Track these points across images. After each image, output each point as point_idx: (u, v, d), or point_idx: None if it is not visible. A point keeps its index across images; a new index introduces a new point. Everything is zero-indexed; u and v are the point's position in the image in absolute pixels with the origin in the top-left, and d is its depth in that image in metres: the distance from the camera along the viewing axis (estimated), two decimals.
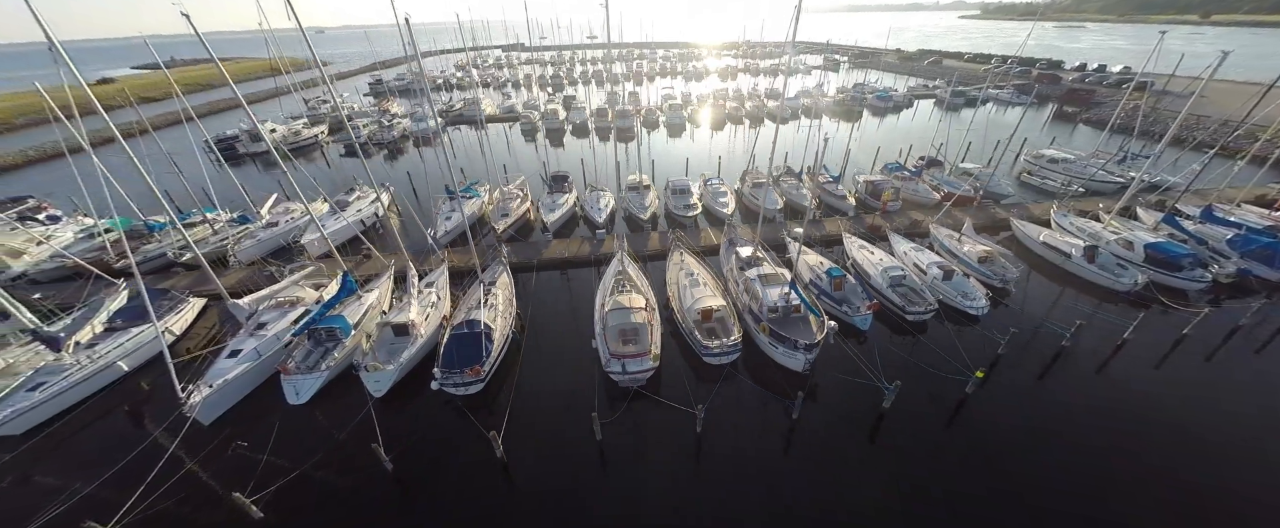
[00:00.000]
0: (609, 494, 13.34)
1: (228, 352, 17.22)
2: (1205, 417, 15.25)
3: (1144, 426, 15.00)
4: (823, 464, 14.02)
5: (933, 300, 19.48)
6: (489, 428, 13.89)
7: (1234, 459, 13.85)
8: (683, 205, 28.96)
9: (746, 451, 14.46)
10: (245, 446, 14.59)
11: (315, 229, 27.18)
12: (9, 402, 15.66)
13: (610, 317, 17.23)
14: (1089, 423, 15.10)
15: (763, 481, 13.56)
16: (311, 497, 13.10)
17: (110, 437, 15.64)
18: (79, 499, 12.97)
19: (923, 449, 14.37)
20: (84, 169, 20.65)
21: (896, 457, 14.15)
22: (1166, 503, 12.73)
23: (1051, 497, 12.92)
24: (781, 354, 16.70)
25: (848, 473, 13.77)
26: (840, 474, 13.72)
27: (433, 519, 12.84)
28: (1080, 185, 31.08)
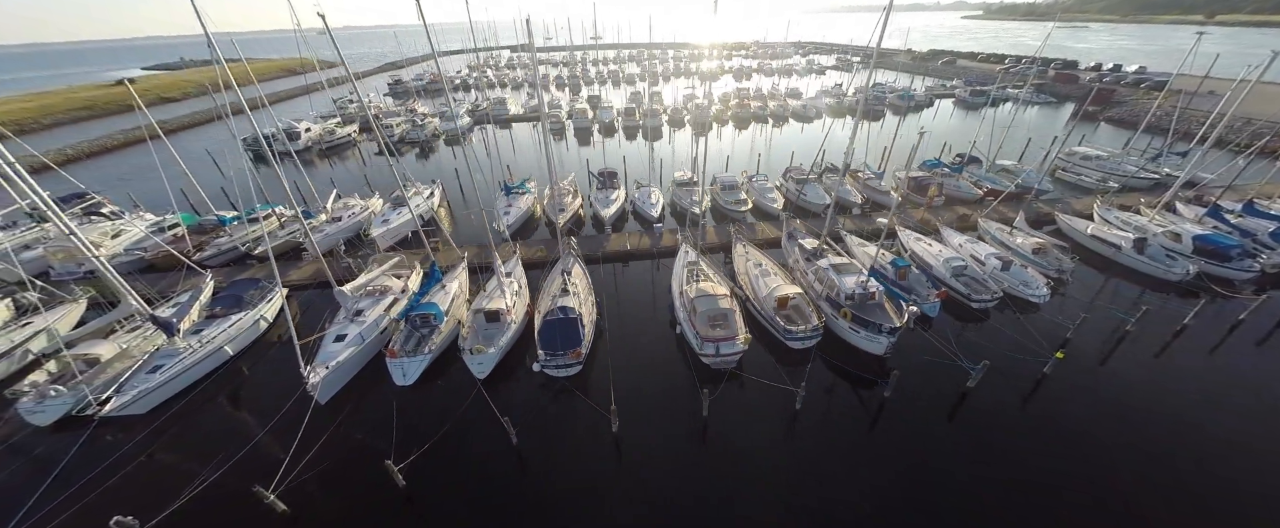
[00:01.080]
0: (716, 466, 14.17)
1: (334, 337, 18.08)
2: (1272, 395, 16.13)
3: (1212, 404, 15.84)
4: (912, 438, 14.87)
5: (996, 289, 20.36)
6: (595, 407, 14.78)
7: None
8: (733, 201, 29.82)
9: (842, 426, 15.34)
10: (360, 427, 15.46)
11: (381, 223, 28.14)
12: (133, 383, 16.52)
13: (698, 303, 18.07)
14: (1157, 401, 15.95)
15: (858, 454, 14.43)
16: (445, 466, 13.96)
17: (234, 414, 16.54)
18: (231, 467, 13.84)
19: (1006, 425, 15.22)
20: (128, 166, 21.28)
21: (982, 432, 14.99)
22: (1246, 474, 13.56)
23: (1137, 468, 13.76)
24: (863, 338, 17.55)
25: (934, 446, 14.61)
26: (929, 446, 14.57)
27: (551, 486, 13.68)
28: (1116, 181, 31.88)
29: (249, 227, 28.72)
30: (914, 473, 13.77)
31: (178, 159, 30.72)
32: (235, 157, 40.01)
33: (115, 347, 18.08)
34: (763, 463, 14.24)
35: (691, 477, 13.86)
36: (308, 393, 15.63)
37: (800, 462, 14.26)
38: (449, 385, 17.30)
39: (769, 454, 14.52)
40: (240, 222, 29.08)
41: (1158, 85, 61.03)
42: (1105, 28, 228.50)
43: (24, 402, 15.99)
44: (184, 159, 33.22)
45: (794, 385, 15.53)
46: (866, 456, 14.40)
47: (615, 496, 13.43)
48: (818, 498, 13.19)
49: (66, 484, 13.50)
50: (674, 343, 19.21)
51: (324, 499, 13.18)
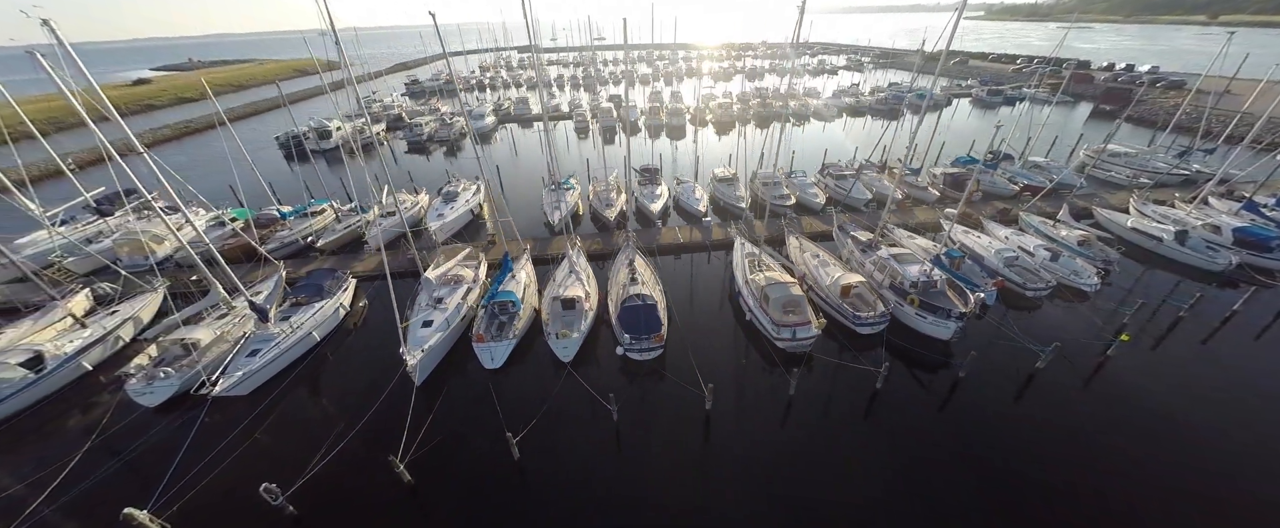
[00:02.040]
0: (806, 440, 14.95)
1: (421, 323, 18.86)
2: None
3: (1265, 385, 16.64)
4: (986, 416, 15.65)
5: (1049, 278, 21.15)
6: (686, 387, 15.55)
7: None
8: (777, 196, 30.60)
9: (918, 405, 16.14)
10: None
11: (436, 217, 28.93)
12: (236, 366, 17.29)
13: (769, 291, 18.83)
14: (1221, 381, 16.74)
15: (937, 430, 15.23)
16: (554, 442, 14.74)
17: (336, 394, 17.34)
18: (349, 442, 14.61)
19: (1078, 403, 16.02)
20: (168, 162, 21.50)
21: (1054, 410, 15.78)
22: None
23: (1212, 442, 14.55)
24: (930, 324, 18.33)
25: (1008, 423, 15.40)
26: (1002, 424, 15.37)
27: (651, 457, 14.46)
28: (1147, 178, 32.66)
29: (307, 220, 29.60)
30: (992, 448, 14.55)
31: (243, 153, 31.44)
32: (267, 154, 40.88)
33: (212, 332, 18.85)
34: (849, 439, 15.02)
35: (784, 451, 14.62)
36: (407, 374, 16.48)
37: (884, 437, 15.03)
38: (534, 368, 18.12)
39: (853, 431, 15.31)
40: (298, 215, 29.94)
41: (1174, 85, 61.94)
42: (1110, 28, 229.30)
43: (132, 384, 16.77)
44: (216, 156, 34.02)
45: (874, 367, 16.32)
46: (945, 432, 15.17)
47: (711, 466, 14.22)
48: (908, 467, 13.96)
49: (198, 457, 14.26)
50: (742, 329, 20.00)
51: (445, 471, 13.95)
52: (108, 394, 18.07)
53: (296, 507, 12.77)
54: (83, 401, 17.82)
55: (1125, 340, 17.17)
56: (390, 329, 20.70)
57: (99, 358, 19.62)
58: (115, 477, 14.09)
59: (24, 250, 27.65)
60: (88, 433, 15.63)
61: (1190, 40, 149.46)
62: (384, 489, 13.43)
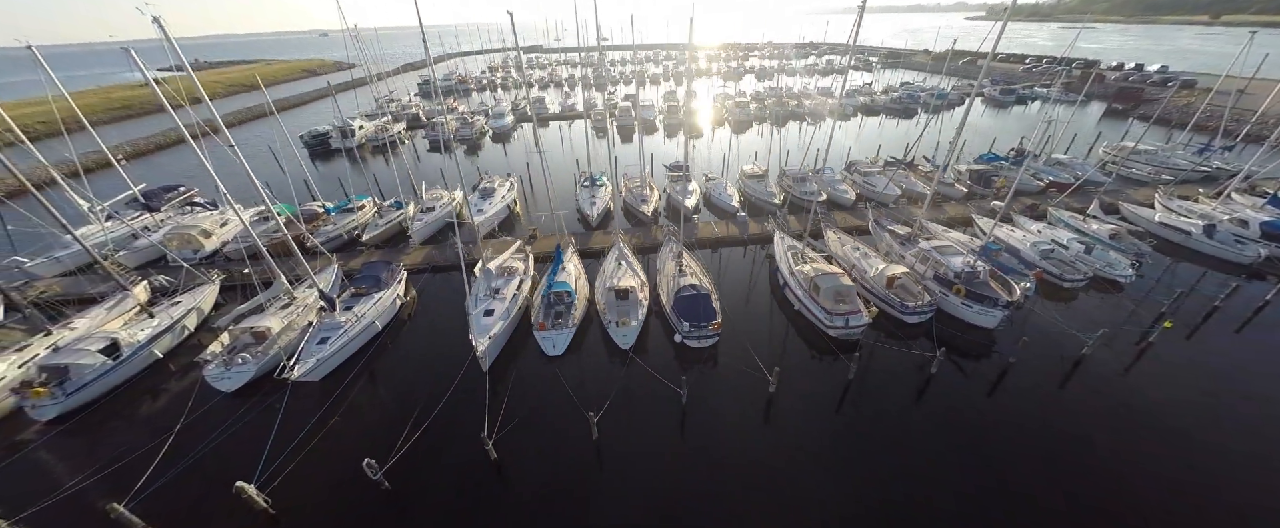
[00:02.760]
0: (870, 422, 15.59)
1: (483, 312, 19.49)
2: None
3: None
4: (1041, 397, 16.32)
5: (1085, 269, 21.80)
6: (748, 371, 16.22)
7: None
8: (808, 192, 31.22)
9: (976, 387, 16.80)
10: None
11: (477, 212, 29.55)
12: (309, 353, 17.91)
13: (820, 282, 19.46)
14: (1253, 367, 17.43)
15: (995, 411, 15.86)
16: (628, 421, 15.39)
17: (406, 378, 17.99)
18: (433, 421, 15.26)
19: (1121, 387, 16.68)
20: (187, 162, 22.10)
21: (1101, 391, 16.46)
22: None
23: (1252, 423, 15.21)
24: (976, 313, 18.98)
25: (1059, 405, 16.09)
26: (1057, 404, 16.04)
27: (715, 435, 15.12)
28: (1169, 174, 33.30)
29: (350, 215, 30.24)
30: (1048, 428, 15.21)
31: (292, 145, 32.12)
32: (290, 152, 41.49)
33: (281, 321, 19.49)
34: (910, 420, 15.68)
35: (850, 432, 15.29)
36: (476, 359, 17.16)
37: (944, 419, 15.68)
38: (592, 355, 18.78)
39: (913, 413, 15.96)
40: (341, 211, 30.59)
41: (1186, 84, 62.59)
42: (1113, 28, 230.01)
43: (210, 369, 17.44)
44: (249, 151, 34.24)
45: (928, 353, 16.97)
46: (1002, 413, 15.82)
47: (779, 444, 14.87)
48: (971, 447, 14.60)
49: (287, 436, 14.89)
50: (791, 318, 20.65)
51: (528, 448, 14.60)
52: (179, 380, 18.77)
53: (391, 482, 13.40)
54: (158, 386, 18.48)
55: (1168, 328, 17.82)
56: (443, 318, 21.60)
57: (168, 346, 20.26)
58: (214, 455, 14.69)
59: (76, 245, 28.27)
60: (175, 416, 16.25)
61: (1194, 40, 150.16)
62: (472, 466, 14.08)
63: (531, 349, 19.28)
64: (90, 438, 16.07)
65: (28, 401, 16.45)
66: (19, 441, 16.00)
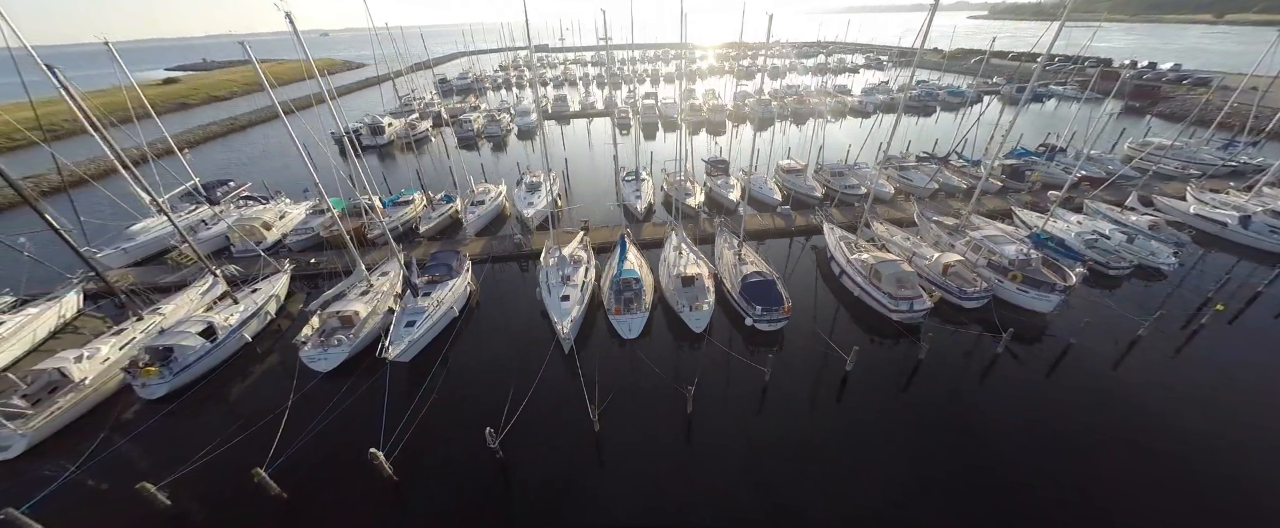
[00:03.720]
0: (944, 399, 16.48)
1: (560, 297, 20.37)
2: None
3: None
4: (1100, 375, 17.23)
5: (1129, 258, 22.67)
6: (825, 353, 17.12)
7: None
8: (847, 186, 32.10)
9: (1038, 367, 17.69)
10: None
11: (528, 205, 30.44)
12: (400, 336, 18.76)
13: (881, 269, 20.32)
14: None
15: (1059, 389, 16.77)
16: (717, 398, 16.29)
17: (494, 360, 18.91)
18: (533, 395, 16.17)
19: (1174, 366, 17.63)
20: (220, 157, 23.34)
21: (1160, 370, 17.39)
22: None
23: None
24: (1032, 298, 19.86)
25: (1119, 384, 16.96)
26: (1117, 384, 16.94)
27: (799, 412, 16.01)
28: (1197, 168, 34.15)
29: (402, 208, 31.13)
30: (1116, 402, 16.11)
31: (343, 136, 32.91)
32: (319, 149, 42.44)
33: (366, 306, 20.37)
34: (976, 397, 16.58)
35: (927, 407, 16.19)
36: (559, 342, 18.13)
37: (1016, 395, 16.63)
38: (663, 338, 19.75)
39: (979, 391, 16.86)
40: (394, 204, 31.49)
41: (1200, 82, 63.47)
42: (1119, 27, 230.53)
43: (306, 351, 18.31)
44: (272, 151, 35.34)
45: (997, 333, 17.88)
46: (1068, 391, 16.73)
47: (859, 417, 15.81)
48: (1044, 422, 15.51)
49: (396, 412, 15.79)
50: (850, 303, 21.56)
51: (628, 422, 15.51)
52: (272, 361, 19.72)
53: (504, 451, 14.27)
54: (252, 367, 19.41)
55: (1221, 310, 18.72)
56: (511, 304, 22.57)
57: (254, 330, 21.14)
58: (331, 428, 15.57)
59: (139, 237, 29.22)
60: (280, 393, 17.14)
61: (1200, 39, 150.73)
62: (576, 437, 14.99)
63: (602, 333, 20.20)
64: (204, 414, 16.99)
65: (139, 379, 17.34)
66: (129, 418, 16.91)
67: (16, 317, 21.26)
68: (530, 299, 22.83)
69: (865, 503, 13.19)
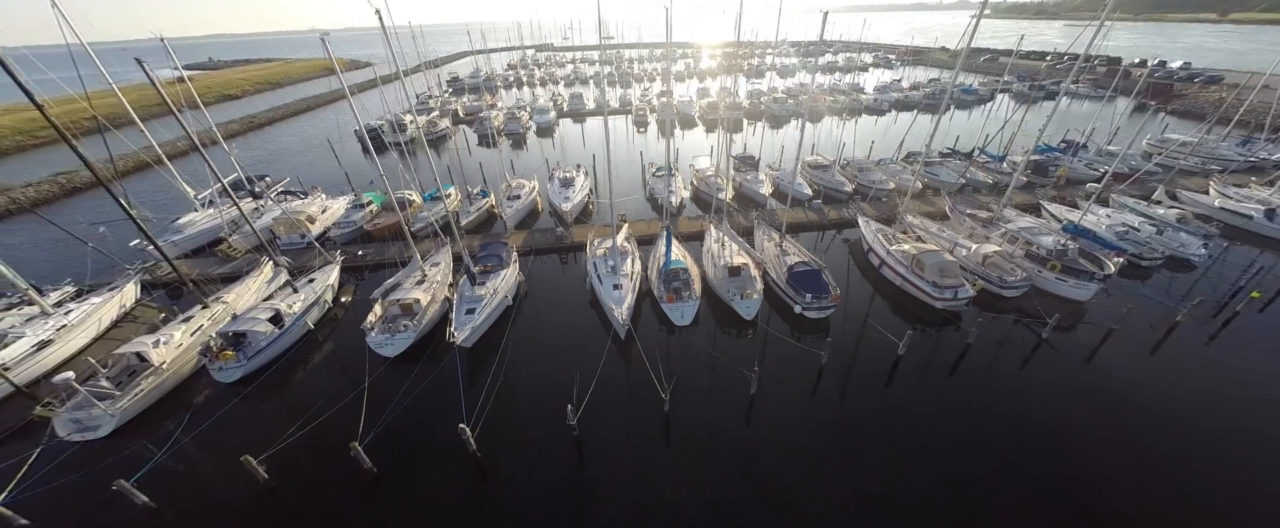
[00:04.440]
0: (988, 381, 17.15)
1: (611, 285, 21.03)
2: None
3: None
4: (1140, 359, 17.92)
5: (1161, 249, 23.33)
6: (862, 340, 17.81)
7: None
8: (873, 181, 32.75)
9: (1076, 350, 18.36)
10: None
11: (565, 199, 31.11)
12: (464, 322, 19.44)
13: (925, 258, 20.98)
14: None
15: (1105, 371, 17.46)
16: (777, 379, 16.97)
17: (554, 345, 19.64)
18: (598, 378, 16.84)
19: (1208, 351, 18.32)
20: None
21: (1191, 355, 18.07)
22: None
23: None
24: (1072, 286, 20.52)
25: (1159, 365, 17.70)
26: (1156, 365, 17.68)
27: (858, 393, 16.69)
28: (1217, 164, 34.78)
29: (439, 203, 31.78)
30: (1150, 384, 16.80)
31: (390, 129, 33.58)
32: (343, 144, 43.21)
33: (425, 294, 21.03)
34: (1023, 379, 17.28)
35: (982, 389, 16.87)
36: (617, 329, 18.87)
37: (1053, 376, 17.32)
38: (712, 325, 20.45)
39: (1024, 373, 17.56)
40: (432, 198, 32.16)
41: (1212, 80, 64.08)
42: (1123, 26, 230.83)
43: (373, 336, 18.99)
44: (293, 147, 36.26)
45: (1043, 319, 18.56)
46: (1105, 374, 17.40)
47: (908, 398, 16.49)
48: (1095, 398, 16.18)
49: (474, 393, 16.49)
50: (892, 292, 22.24)
51: (695, 401, 16.23)
52: (335, 346, 20.46)
53: (580, 429, 14.95)
54: (318, 353, 20.13)
55: (1256, 297, 19.38)
56: (560, 293, 23.30)
57: (315, 318, 21.83)
58: (413, 407, 16.27)
59: (186, 229, 29.92)
60: (350, 376, 17.84)
61: (1206, 37, 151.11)
62: (647, 416, 15.70)
63: (652, 321, 20.89)
64: (282, 395, 17.72)
65: (216, 363, 18.03)
66: (209, 400, 17.61)
67: (83, 306, 21.99)
68: (576, 288, 23.58)
69: (929, 476, 13.84)
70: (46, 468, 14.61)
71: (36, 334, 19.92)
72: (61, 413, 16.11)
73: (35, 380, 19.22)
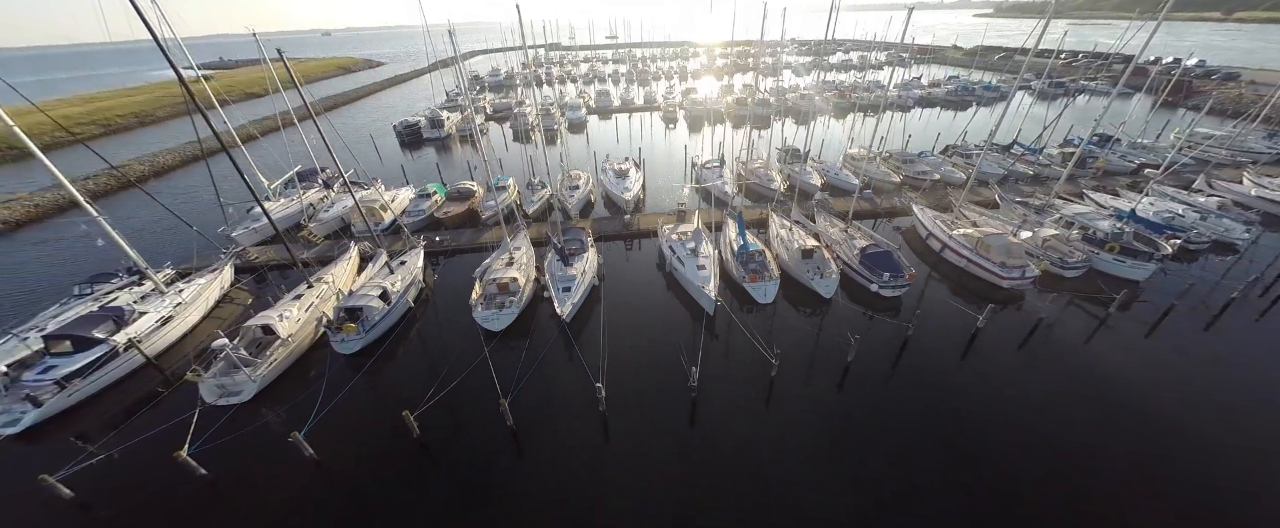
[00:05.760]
0: (1062, 353, 18.46)
1: (695, 265, 22.34)
2: None
3: None
4: (1198, 335, 19.26)
5: (1208, 234, 24.63)
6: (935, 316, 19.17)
7: None
8: (918, 173, 34.06)
9: (1134, 325, 19.71)
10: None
11: (624, 190, 32.43)
12: (563, 299, 20.69)
13: (990, 241, 22.29)
14: None
15: (1170, 342, 18.81)
16: (873, 349, 18.32)
17: (638, 320, 21.05)
18: (688, 349, 18.21)
19: (1261, 325, 19.67)
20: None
21: (1250, 328, 19.42)
22: None
23: None
24: (1130, 267, 21.83)
25: (1218, 337, 19.03)
26: (1213, 337, 19.00)
27: (939, 363, 17.99)
28: (1247, 157, 36.09)
29: (502, 193, 33.10)
30: (1220, 354, 18.11)
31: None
32: (383, 139, 44.49)
33: (521, 274, 22.35)
34: (1092, 351, 18.62)
35: (1058, 363, 18.13)
36: (704, 306, 20.24)
37: (1124, 347, 18.63)
38: (793, 303, 21.69)
39: (1094, 344, 18.89)
40: (496, 188, 33.47)
41: (1229, 76, 65.44)
42: (1129, 25, 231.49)
43: (479, 312, 20.35)
44: (333, 141, 37.88)
45: (1109, 294, 19.90)
46: (1166, 347, 18.74)
47: (986, 371, 17.75)
48: (1158, 368, 17.51)
49: (589, 360, 17.84)
50: (956, 273, 23.57)
51: (800, 366, 17.65)
52: (441, 321, 21.83)
53: (698, 388, 16.27)
54: (424, 327, 21.48)
55: None
56: (634, 275, 24.73)
57: (414, 296, 23.15)
58: (539, 371, 17.65)
59: (262, 219, 31.16)
60: (467, 348, 19.17)
61: (1212, 36, 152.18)
62: (756, 377, 17.08)
63: (731, 300, 22.11)
64: (401, 364, 19.11)
65: (339, 335, 19.35)
66: (336, 368, 18.90)
67: (192, 285, 23.34)
68: (649, 270, 24.93)
69: (1025, 439, 15.17)
70: (211, 428, 15.90)
71: (159, 311, 21.28)
72: (207, 379, 17.46)
73: (162, 353, 20.66)
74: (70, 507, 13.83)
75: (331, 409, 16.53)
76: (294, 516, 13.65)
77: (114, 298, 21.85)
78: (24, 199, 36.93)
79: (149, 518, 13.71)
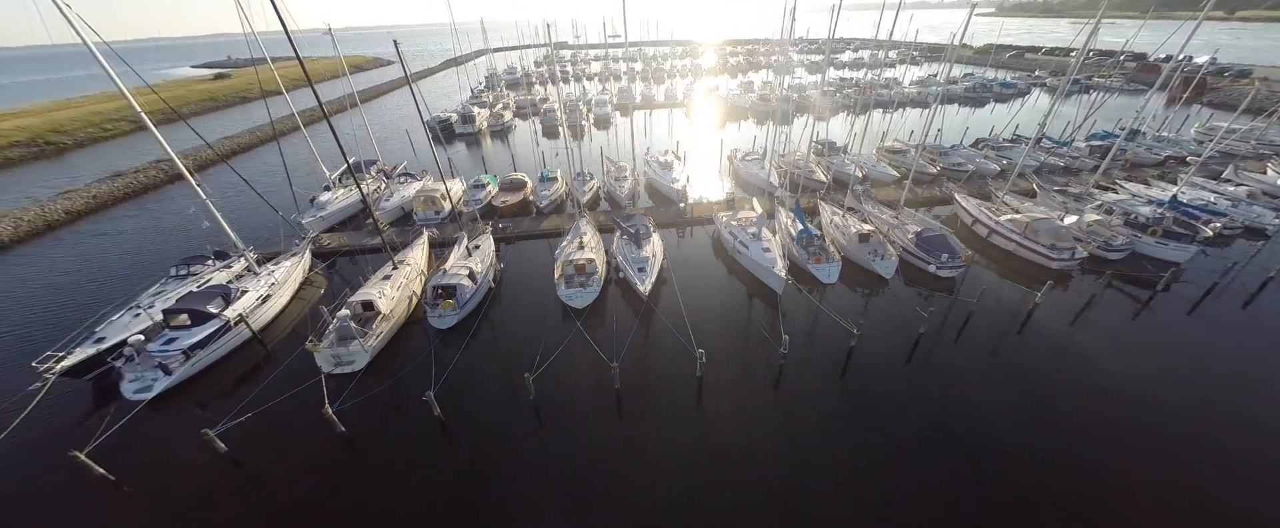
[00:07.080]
0: (1116, 329, 19.79)
1: (761, 248, 23.64)
2: None
3: None
4: (1236, 312, 20.60)
5: (1240, 220, 25.99)
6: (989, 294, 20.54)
7: None
8: (954, 164, 35.39)
9: (1177, 303, 21.07)
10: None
11: (673, 181, 33.73)
12: (642, 278, 22.00)
13: (1038, 226, 23.62)
14: None
15: (1216, 319, 20.14)
16: (940, 325, 19.65)
17: (709, 298, 22.51)
18: (758, 328, 19.54)
19: None
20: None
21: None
22: None
23: None
24: (1172, 249, 23.17)
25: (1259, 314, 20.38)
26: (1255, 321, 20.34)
27: (1006, 340, 19.32)
28: (1266, 149, 37.43)
29: (552, 184, 34.39)
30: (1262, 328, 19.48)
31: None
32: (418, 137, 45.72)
33: (597, 256, 23.67)
34: (1145, 325, 19.97)
35: (1118, 337, 19.45)
36: (772, 286, 21.56)
37: (1199, 326, 20.00)
38: (852, 285, 23.02)
39: (1145, 320, 20.23)
40: (545, 180, 34.78)
41: (1242, 73, 66.77)
42: (1133, 24, 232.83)
43: (563, 290, 21.73)
44: (361, 137, 39.49)
45: (1157, 273, 21.24)
46: (1210, 321, 20.08)
47: (1048, 344, 19.04)
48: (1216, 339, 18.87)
49: (676, 331, 19.20)
50: (999, 259, 24.93)
51: (877, 341, 18.88)
52: (524, 300, 23.14)
53: (786, 356, 17.61)
54: (508, 305, 22.81)
55: None
56: (694, 258, 26.05)
57: (494, 277, 24.47)
58: (637, 340, 19.10)
59: (329, 206, 32.46)
60: (555, 320, 20.54)
61: (1214, 34, 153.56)
62: (836, 347, 18.39)
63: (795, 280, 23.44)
64: (498, 338, 20.43)
65: (438, 310, 20.72)
66: (437, 342, 20.22)
67: (282, 267, 24.66)
68: (705, 254, 26.28)
69: (1091, 404, 16.51)
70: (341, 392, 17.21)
71: (257, 290, 22.59)
72: (323, 349, 18.79)
73: (265, 327, 21.99)
74: (221, 460, 15.17)
75: (450, 373, 17.91)
76: (424, 468, 14.96)
77: (210, 279, 23.21)
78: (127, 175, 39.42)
79: (300, 466, 15.06)
